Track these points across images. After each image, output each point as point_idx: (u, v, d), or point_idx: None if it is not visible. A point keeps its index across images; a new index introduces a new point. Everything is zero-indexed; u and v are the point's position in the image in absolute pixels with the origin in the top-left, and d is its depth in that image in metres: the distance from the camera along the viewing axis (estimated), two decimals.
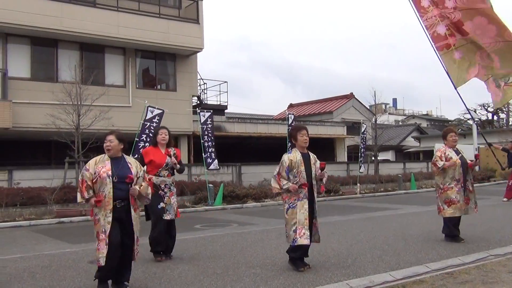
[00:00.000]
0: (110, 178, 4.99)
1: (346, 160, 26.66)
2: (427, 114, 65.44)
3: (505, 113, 44.13)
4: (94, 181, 5.01)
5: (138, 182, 5.21)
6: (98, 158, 5.17)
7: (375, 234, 8.57)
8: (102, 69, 17.68)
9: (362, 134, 20.48)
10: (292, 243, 5.75)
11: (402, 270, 5.67)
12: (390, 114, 60.64)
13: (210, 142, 15.93)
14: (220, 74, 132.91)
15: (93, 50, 17.59)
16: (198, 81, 21.91)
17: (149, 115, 14.12)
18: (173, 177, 6.90)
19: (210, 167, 15.81)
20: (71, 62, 15.41)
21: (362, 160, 20.31)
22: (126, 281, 5.16)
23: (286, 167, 5.82)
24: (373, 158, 23.50)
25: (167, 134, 6.89)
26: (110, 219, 4.93)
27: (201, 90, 23.92)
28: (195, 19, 18.93)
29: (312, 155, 6.03)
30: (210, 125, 16.11)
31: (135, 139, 13.50)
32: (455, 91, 6.32)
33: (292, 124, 17.28)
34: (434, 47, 6.02)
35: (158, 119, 14.26)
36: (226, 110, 25.46)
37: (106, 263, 4.86)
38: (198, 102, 22.88)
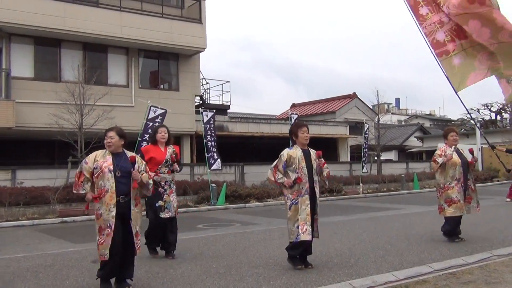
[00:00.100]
0: (112, 172, 5.00)
1: (349, 160, 26.64)
2: (430, 114, 65.34)
3: (508, 112, 43.98)
4: (96, 176, 5.02)
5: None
6: (99, 153, 5.17)
7: (378, 234, 8.56)
8: (105, 68, 17.72)
9: (365, 134, 20.47)
10: (295, 239, 5.77)
11: (405, 270, 5.66)
12: (393, 114, 60.59)
13: (212, 142, 15.93)
14: (222, 74, 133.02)
15: (96, 50, 17.62)
16: (201, 80, 21.94)
17: (151, 115, 14.15)
18: (173, 174, 6.95)
19: (212, 167, 15.80)
20: (74, 62, 15.45)
21: (365, 160, 20.29)
22: (130, 277, 5.17)
23: (284, 162, 5.90)
24: (375, 158, 23.47)
25: (166, 132, 6.98)
26: (114, 213, 4.94)
27: (203, 90, 23.94)
28: (198, 19, 18.94)
29: (312, 151, 6.10)
30: (212, 124, 16.11)
31: (138, 139, 13.52)
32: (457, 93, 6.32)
33: None
34: (433, 54, 6.06)
35: (160, 119, 14.29)
36: (228, 110, 25.46)
37: (110, 258, 4.87)
38: (201, 101, 22.90)
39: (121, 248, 4.99)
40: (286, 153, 5.95)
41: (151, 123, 13.92)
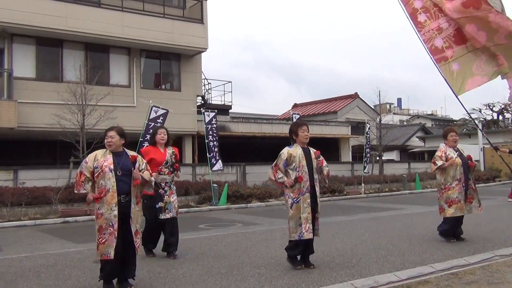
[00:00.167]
0: (113, 172, 5.01)
1: (351, 160, 26.62)
2: (432, 114, 65.25)
3: (510, 112, 43.91)
4: (96, 175, 5.03)
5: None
6: (99, 152, 5.18)
7: (380, 234, 8.55)
8: (106, 69, 17.74)
9: (367, 134, 20.45)
10: (297, 238, 5.79)
11: (407, 270, 5.65)
12: (394, 114, 60.48)
13: (214, 142, 15.94)
14: (224, 74, 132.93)
15: (98, 50, 17.64)
16: (203, 81, 21.94)
17: (153, 115, 14.16)
18: (173, 174, 6.96)
19: (214, 168, 15.80)
20: (76, 62, 15.45)
21: (367, 160, 20.27)
22: (132, 277, 5.18)
23: (284, 160, 5.92)
24: (377, 158, 23.45)
25: (166, 133, 7.02)
26: (116, 213, 4.94)
27: (205, 90, 23.95)
28: (200, 19, 18.95)
29: (312, 150, 6.11)
30: (214, 125, 16.11)
31: (140, 139, 13.53)
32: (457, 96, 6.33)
33: None
34: (433, 60, 6.08)
35: (162, 119, 14.30)
36: (230, 110, 25.47)
37: (114, 257, 4.89)
38: (203, 102, 22.91)
39: (121, 247, 5.00)
40: (286, 151, 5.97)
41: (153, 123, 13.94)
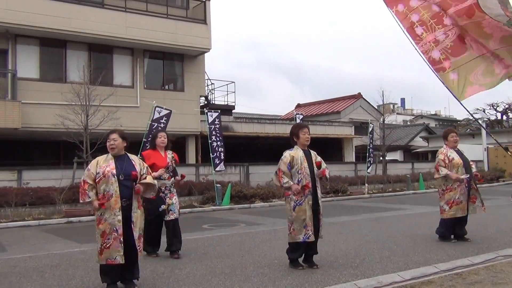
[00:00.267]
0: (116, 177, 5.01)
1: (354, 160, 26.58)
2: (436, 114, 65.08)
3: None
4: (97, 180, 5.02)
5: (142, 179, 5.24)
6: (101, 158, 5.19)
7: (383, 234, 8.54)
8: (110, 69, 17.77)
9: (370, 134, 20.41)
10: (302, 240, 5.80)
11: (410, 270, 5.65)
12: (398, 114, 60.42)
13: (218, 142, 15.93)
14: (227, 74, 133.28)
15: (101, 51, 17.68)
16: (206, 81, 21.98)
17: (156, 115, 14.17)
18: (172, 179, 7.01)
19: (216, 169, 15.80)
20: (80, 63, 15.50)
21: (370, 160, 20.23)
22: (136, 278, 5.19)
23: (288, 163, 5.91)
24: (381, 158, 23.41)
25: (166, 137, 7.08)
26: (120, 218, 4.95)
27: (208, 90, 23.98)
28: (203, 20, 18.97)
29: (312, 152, 6.12)
30: (217, 125, 16.10)
31: (143, 140, 13.54)
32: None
33: None
34: (432, 69, 6.09)
35: (165, 120, 14.31)
36: (233, 110, 25.46)
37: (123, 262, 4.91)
38: (206, 102, 22.91)
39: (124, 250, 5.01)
40: (288, 154, 5.97)
41: (156, 124, 13.96)
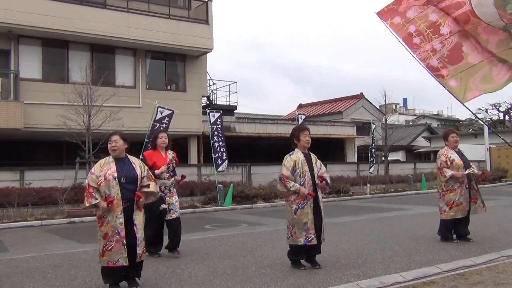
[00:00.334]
0: (117, 180, 5.00)
1: (356, 160, 26.55)
2: (438, 114, 64.99)
3: None
4: (98, 183, 5.01)
5: (143, 182, 5.23)
6: (103, 161, 5.18)
7: (386, 234, 8.53)
8: (112, 70, 17.79)
9: (372, 134, 20.39)
10: (303, 243, 5.80)
11: (412, 271, 5.63)
12: (400, 114, 60.32)
13: (220, 142, 15.92)
14: (229, 75, 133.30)
15: (103, 51, 17.70)
16: (208, 81, 21.97)
17: (159, 116, 14.18)
18: (172, 179, 7.03)
19: (219, 169, 15.80)
20: (82, 63, 15.52)
21: (373, 160, 20.23)
22: (138, 276, 5.20)
23: (291, 168, 5.90)
24: (383, 158, 23.39)
25: (167, 137, 7.13)
26: (122, 220, 4.95)
27: (210, 91, 23.98)
28: (205, 20, 18.98)
29: (312, 155, 6.11)
30: (219, 125, 16.10)
31: (145, 140, 13.55)
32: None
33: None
34: (432, 75, 6.10)
35: (168, 120, 14.32)
36: (235, 111, 25.49)
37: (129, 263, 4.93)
38: (208, 102, 22.93)
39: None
40: (289, 159, 5.96)
41: (158, 124, 13.96)
